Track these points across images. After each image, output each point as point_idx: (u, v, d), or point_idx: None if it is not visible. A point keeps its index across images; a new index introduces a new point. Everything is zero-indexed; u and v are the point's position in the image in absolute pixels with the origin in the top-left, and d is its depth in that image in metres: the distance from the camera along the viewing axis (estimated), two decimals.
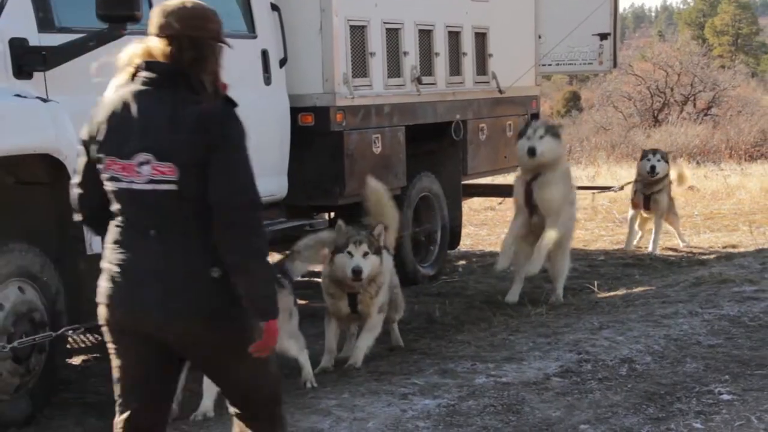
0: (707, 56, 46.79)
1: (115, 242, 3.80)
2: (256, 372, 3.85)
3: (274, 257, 10.79)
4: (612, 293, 9.02)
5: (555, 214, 8.81)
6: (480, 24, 10.47)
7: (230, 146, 3.73)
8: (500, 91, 10.62)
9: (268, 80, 8.20)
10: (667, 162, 11.31)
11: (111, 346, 3.89)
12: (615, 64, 11.78)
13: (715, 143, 27.71)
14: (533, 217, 8.92)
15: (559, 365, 6.67)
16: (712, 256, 10.85)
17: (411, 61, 9.38)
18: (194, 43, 3.78)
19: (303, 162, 8.43)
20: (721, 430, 5.50)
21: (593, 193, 13.33)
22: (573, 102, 57.07)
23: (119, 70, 3.85)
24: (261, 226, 3.75)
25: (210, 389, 5.80)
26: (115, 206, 3.80)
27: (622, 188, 11.67)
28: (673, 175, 11.68)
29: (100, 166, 3.80)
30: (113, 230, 3.82)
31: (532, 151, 8.77)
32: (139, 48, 3.79)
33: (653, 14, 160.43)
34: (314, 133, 8.46)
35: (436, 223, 10.07)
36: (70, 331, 6.18)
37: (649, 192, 11.23)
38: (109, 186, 3.79)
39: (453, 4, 10.11)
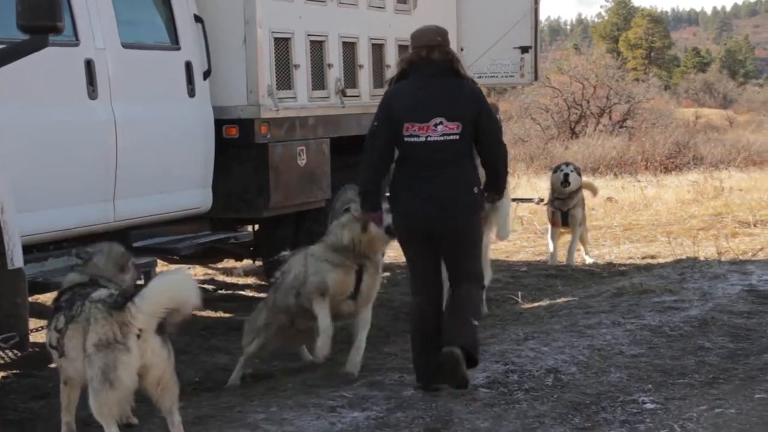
0: (622, 69, 47.60)
1: (411, 176, 6.21)
2: (478, 252, 6.40)
3: (197, 270, 10.75)
4: (536, 304, 9.10)
5: None
6: (403, 36, 10.45)
7: (489, 109, 6.34)
8: None
9: (192, 92, 8.15)
10: (579, 174, 11.48)
11: (409, 255, 6.42)
12: (536, 77, 11.90)
13: (631, 155, 28.13)
14: None
15: (486, 376, 6.70)
16: (632, 267, 11.00)
17: (335, 73, 9.38)
18: (447, 48, 6.35)
19: (228, 174, 8.38)
20: None
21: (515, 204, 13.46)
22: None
23: (394, 69, 6.72)
24: (506, 152, 6.48)
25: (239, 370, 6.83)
26: (408, 154, 6.22)
27: (541, 201, 11.79)
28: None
29: (401, 130, 6.18)
30: (406, 169, 6.25)
31: None
32: (408, 55, 6.39)
33: (569, 27, 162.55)
34: (239, 146, 8.41)
35: None
36: None
37: (566, 209, 11.41)
38: (408, 140, 6.20)
39: (376, 17, 10.14)
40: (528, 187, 19.63)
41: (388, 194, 6.51)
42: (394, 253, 12.08)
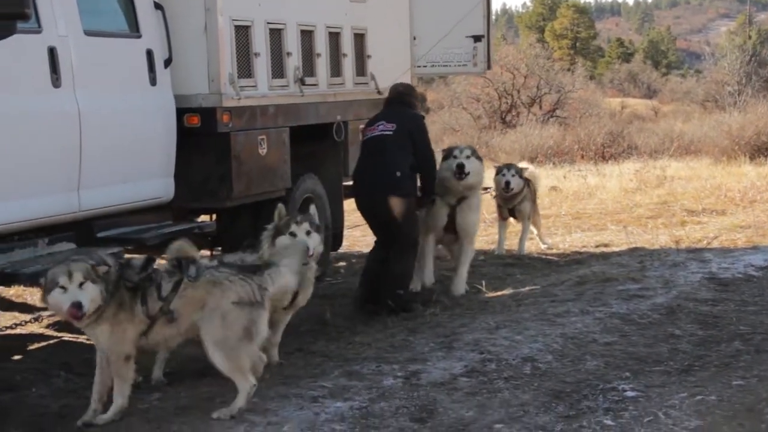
0: (551, 59, 47.99)
1: (359, 165, 8.95)
2: (407, 222, 8.66)
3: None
4: (500, 293, 9.09)
5: None
6: (358, 25, 10.45)
7: (421, 126, 9.05)
8: (379, 92, 10.59)
9: (153, 80, 8.01)
10: (521, 177, 11.45)
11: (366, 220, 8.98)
12: (489, 66, 11.92)
13: (567, 144, 28.31)
14: None
15: (464, 365, 6.69)
16: (587, 255, 11.04)
17: (294, 61, 9.28)
18: (408, 96, 9.27)
19: (189, 164, 8.26)
20: (632, 427, 5.58)
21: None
22: (420, 104, 57.76)
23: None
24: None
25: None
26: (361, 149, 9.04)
27: (494, 194, 11.75)
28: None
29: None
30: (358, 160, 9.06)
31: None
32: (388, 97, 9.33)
33: (494, 17, 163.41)
34: (201, 135, 8.29)
35: (320, 224, 9.99)
36: None
37: (511, 206, 11.44)
38: (362, 141, 9.00)
39: (333, 5, 10.06)
40: None
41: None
42: (346, 242, 12.07)
